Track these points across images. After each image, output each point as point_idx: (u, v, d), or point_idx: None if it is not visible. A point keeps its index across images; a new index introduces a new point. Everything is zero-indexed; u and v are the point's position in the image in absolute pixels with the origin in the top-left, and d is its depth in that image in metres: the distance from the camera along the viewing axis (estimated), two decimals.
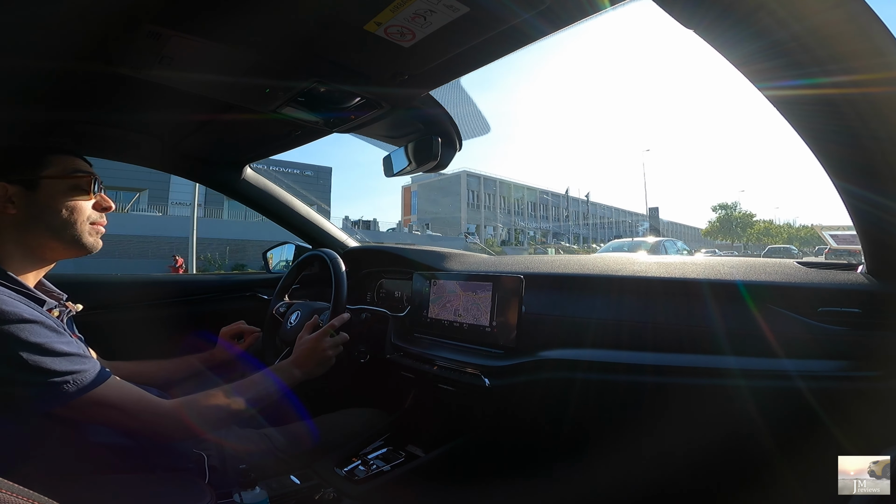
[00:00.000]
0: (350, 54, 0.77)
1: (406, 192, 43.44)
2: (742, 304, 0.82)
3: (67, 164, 0.78)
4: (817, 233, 2.16)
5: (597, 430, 0.96)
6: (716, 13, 0.50)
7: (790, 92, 0.57)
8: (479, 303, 1.05)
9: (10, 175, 0.73)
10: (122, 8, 0.65)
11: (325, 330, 1.01)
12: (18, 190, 0.73)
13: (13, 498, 0.32)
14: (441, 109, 1.03)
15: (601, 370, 0.87)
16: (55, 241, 0.76)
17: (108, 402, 0.68)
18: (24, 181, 0.73)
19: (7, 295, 0.64)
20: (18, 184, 0.73)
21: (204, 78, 0.86)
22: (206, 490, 0.72)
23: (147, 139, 1.22)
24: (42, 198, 0.74)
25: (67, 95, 0.96)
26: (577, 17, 0.63)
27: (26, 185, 0.73)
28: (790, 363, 0.74)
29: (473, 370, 0.97)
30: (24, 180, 0.73)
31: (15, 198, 0.72)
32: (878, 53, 0.50)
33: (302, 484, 0.95)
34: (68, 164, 0.78)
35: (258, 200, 1.55)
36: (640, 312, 0.92)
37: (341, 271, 1.14)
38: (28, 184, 0.73)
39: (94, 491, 0.68)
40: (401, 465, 1.01)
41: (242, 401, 0.83)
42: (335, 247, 1.59)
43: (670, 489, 0.88)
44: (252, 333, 1.20)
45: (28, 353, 0.61)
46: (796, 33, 0.49)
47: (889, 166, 0.59)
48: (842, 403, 0.69)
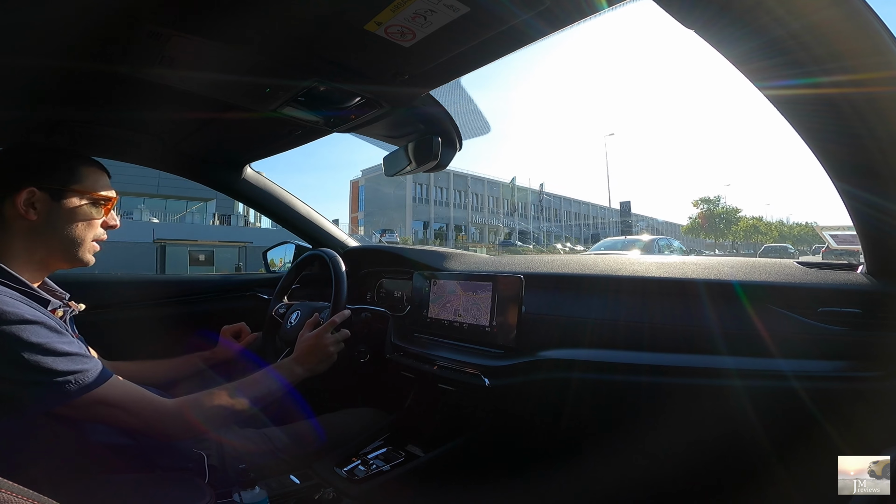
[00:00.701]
0: (350, 54, 0.77)
1: (354, 186, 39.62)
2: (742, 304, 0.82)
3: (97, 181, 0.79)
4: (812, 231, 2.16)
5: (596, 429, 0.96)
6: (713, 11, 0.50)
7: (790, 91, 0.57)
8: (479, 303, 1.05)
9: (42, 181, 0.73)
10: (122, 8, 0.65)
11: (326, 326, 1.01)
12: (45, 197, 0.73)
13: (13, 498, 0.32)
14: (441, 109, 1.03)
15: (602, 370, 0.87)
16: (61, 252, 0.76)
17: (109, 400, 0.68)
18: (54, 191, 0.74)
19: (9, 295, 0.64)
20: (46, 191, 0.73)
21: (204, 77, 0.86)
22: (205, 490, 0.72)
23: (147, 139, 1.22)
24: (64, 210, 0.75)
25: (68, 95, 0.96)
26: (577, 18, 0.63)
27: (54, 194, 0.74)
28: (790, 363, 0.74)
29: (473, 370, 0.97)
30: (53, 190, 0.73)
31: (39, 204, 0.72)
32: (877, 52, 0.50)
33: (301, 484, 0.95)
34: (98, 180, 0.79)
35: (258, 200, 1.55)
36: (640, 313, 0.92)
37: (341, 270, 1.14)
38: (56, 194, 0.74)
39: (94, 491, 0.68)
40: (400, 465, 1.01)
41: (245, 399, 0.84)
42: (335, 246, 1.59)
43: (670, 489, 0.89)
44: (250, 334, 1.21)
45: (30, 354, 0.61)
46: (794, 31, 0.49)
47: (889, 166, 0.59)
48: (842, 404, 0.69)
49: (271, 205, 1.57)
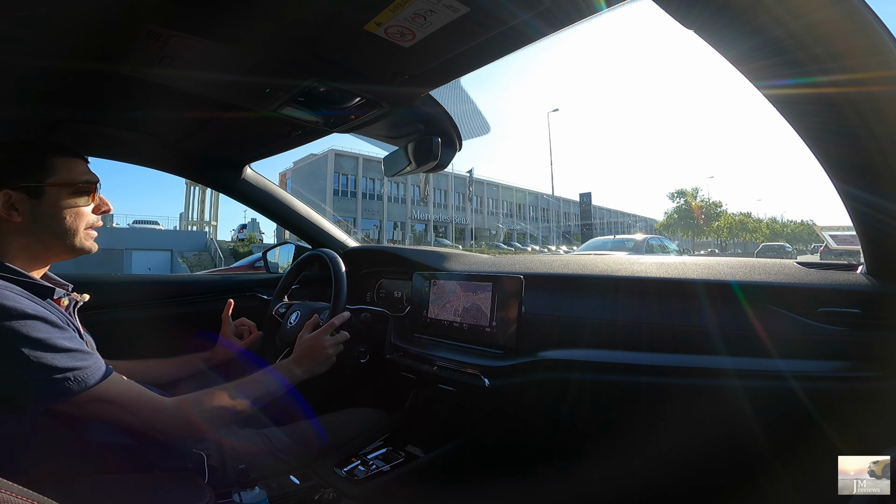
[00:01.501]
0: (350, 54, 0.77)
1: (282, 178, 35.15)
2: (741, 304, 0.82)
3: (72, 169, 0.77)
4: (808, 229, 2.10)
5: (596, 429, 0.96)
6: (712, 11, 0.50)
7: (789, 91, 0.57)
8: (478, 303, 1.05)
9: (16, 182, 0.72)
10: (122, 8, 0.65)
11: (325, 328, 1.01)
12: (23, 197, 0.72)
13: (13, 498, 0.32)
14: (441, 109, 1.03)
15: (602, 370, 0.87)
16: (58, 245, 0.76)
17: (110, 398, 0.68)
18: (30, 189, 0.72)
19: (9, 290, 0.64)
20: (23, 191, 0.72)
21: (204, 78, 0.86)
22: (205, 490, 0.72)
23: (147, 139, 1.22)
24: (46, 205, 0.73)
25: (68, 95, 0.96)
26: (576, 18, 0.63)
27: (31, 192, 0.72)
28: (790, 364, 0.74)
29: (473, 370, 0.97)
30: (29, 188, 0.72)
31: (19, 205, 0.71)
32: (877, 52, 0.50)
33: (301, 484, 0.95)
34: (73, 168, 0.77)
35: (258, 200, 1.55)
36: (640, 313, 0.92)
37: (341, 271, 1.14)
38: (33, 191, 0.73)
39: (94, 491, 0.68)
40: (400, 466, 1.01)
41: (245, 399, 0.84)
42: (335, 247, 1.59)
43: (669, 489, 0.89)
44: (253, 332, 1.21)
45: (30, 349, 0.61)
46: (793, 31, 0.49)
47: (889, 166, 0.59)
48: (842, 404, 0.69)
49: (271, 205, 1.57)
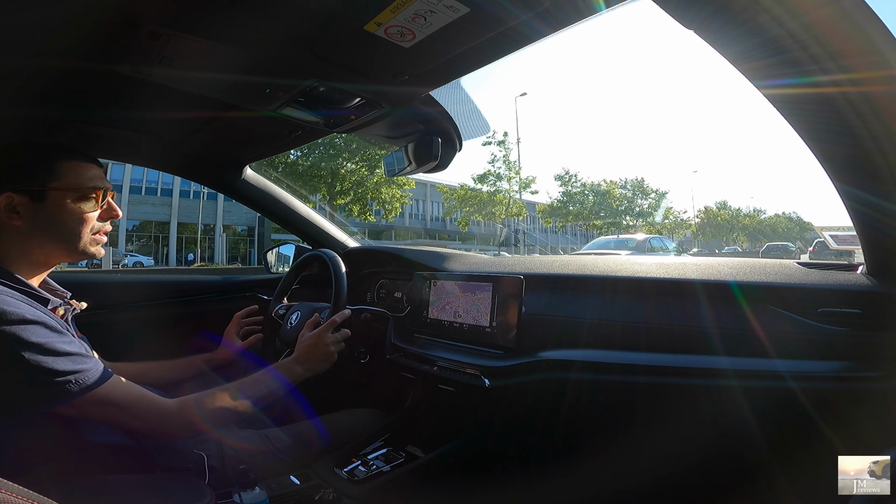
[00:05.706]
0: (350, 54, 0.77)
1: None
2: (741, 304, 0.82)
3: (80, 174, 0.74)
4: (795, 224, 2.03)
5: (596, 429, 0.96)
6: (712, 10, 0.50)
7: (788, 90, 0.57)
8: (478, 303, 1.05)
9: (18, 185, 0.69)
10: (122, 8, 0.65)
11: (326, 326, 1.01)
12: (25, 200, 0.70)
13: (13, 498, 0.32)
14: (441, 109, 1.03)
15: (602, 371, 0.87)
16: (59, 250, 0.75)
17: (110, 400, 0.68)
18: (32, 192, 0.70)
19: (9, 295, 0.64)
20: (25, 194, 0.70)
21: (204, 78, 0.86)
22: (205, 490, 0.72)
23: (147, 139, 1.22)
24: (49, 209, 0.71)
25: (68, 95, 0.96)
26: (576, 19, 0.63)
27: (34, 196, 0.70)
28: (790, 364, 0.74)
29: (473, 370, 0.97)
30: (31, 191, 0.70)
31: (21, 208, 0.70)
32: (876, 51, 0.50)
33: (302, 484, 0.95)
34: (81, 173, 0.74)
35: (258, 200, 1.55)
36: (641, 313, 0.92)
37: (341, 271, 1.14)
38: (35, 195, 0.70)
39: (94, 491, 0.68)
40: (400, 466, 1.01)
41: (246, 399, 0.84)
42: (335, 247, 1.59)
43: (668, 489, 0.89)
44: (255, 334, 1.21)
45: (30, 354, 0.61)
46: (792, 30, 0.49)
47: (889, 167, 0.59)
48: (842, 404, 0.69)
49: (271, 205, 1.57)
